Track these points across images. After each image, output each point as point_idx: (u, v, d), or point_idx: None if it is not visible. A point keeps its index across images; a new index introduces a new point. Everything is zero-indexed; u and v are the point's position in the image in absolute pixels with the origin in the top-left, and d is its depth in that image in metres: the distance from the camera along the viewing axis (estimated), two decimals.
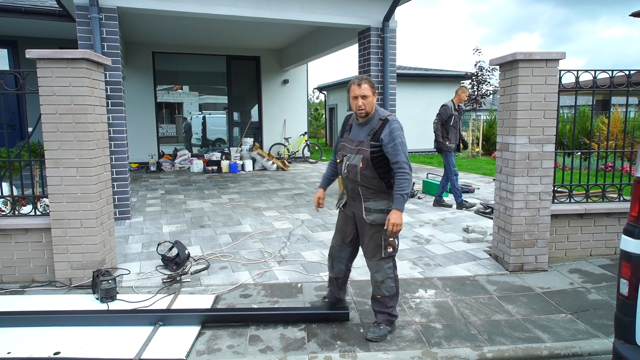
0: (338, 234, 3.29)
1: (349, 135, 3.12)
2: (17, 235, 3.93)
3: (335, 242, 3.32)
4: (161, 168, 11.67)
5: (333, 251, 3.33)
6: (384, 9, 7.15)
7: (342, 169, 3.07)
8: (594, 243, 4.54)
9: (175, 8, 6.25)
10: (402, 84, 15.29)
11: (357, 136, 3.04)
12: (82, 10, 5.65)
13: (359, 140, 3.01)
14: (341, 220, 3.27)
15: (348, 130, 3.15)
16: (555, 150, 4.19)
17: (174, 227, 5.80)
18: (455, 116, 6.67)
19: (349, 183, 3.05)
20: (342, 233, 3.24)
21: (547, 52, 4.00)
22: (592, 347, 2.96)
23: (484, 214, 6.38)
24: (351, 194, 3.09)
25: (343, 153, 3.08)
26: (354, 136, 3.07)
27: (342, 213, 3.27)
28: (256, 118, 13.61)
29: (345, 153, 3.06)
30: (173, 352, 2.84)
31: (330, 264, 3.36)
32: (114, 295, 3.56)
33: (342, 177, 3.13)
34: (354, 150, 2.99)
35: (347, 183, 3.07)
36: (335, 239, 3.31)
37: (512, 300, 3.63)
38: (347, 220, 3.21)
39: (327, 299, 3.48)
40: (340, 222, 3.28)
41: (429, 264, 4.44)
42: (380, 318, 3.10)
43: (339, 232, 3.27)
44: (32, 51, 3.58)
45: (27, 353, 2.84)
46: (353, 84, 2.97)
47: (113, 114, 5.82)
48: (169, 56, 12.56)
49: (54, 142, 3.70)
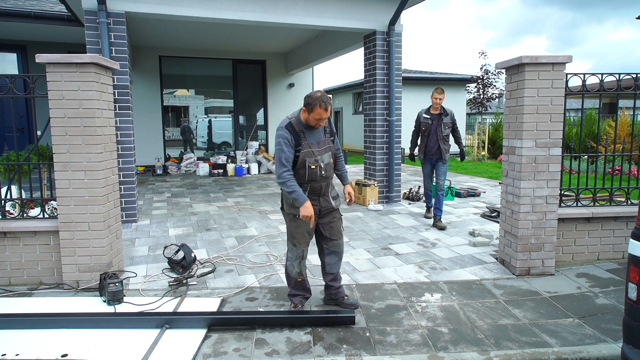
0: (304, 237, 3.33)
1: (306, 141, 3.22)
2: (25, 238, 3.96)
3: (304, 245, 3.36)
4: (167, 171, 11.73)
5: (304, 254, 3.40)
6: (390, 13, 7.16)
7: (319, 172, 3.25)
8: (602, 247, 4.51)
9: (182, 13, 6.29)
10: (408, 87, 15.27)
11: (315, 139, 3.27)
12: (91, 15, 5.71)
13: (318, 141, 3.28)
14: (299, 224, 3.29)
15: (303, 137, 3.21)
16: (562, 154, 4.18)
17: (180, 230, 5.83)
18: (427, 123, 6.01)
19: (323, 181, 3.30)
20: (308, 234, 3.35)
21: (554, 56, 3.99)
22: (600, 352, 2.94)
23: (490, 218, 6.36)
24: (323, 190, 3.34)
25: (314, 158, 3.22)
26: (312, 140, 3.25)
27: (297, 218, 3.27)
28: (262, 121, 13.65)
29: (315, 158, 3.22)
30: (179, 355, 2.85)
31: (300, 269, 3.40)
32: (120, 298, 3.57)
33: (316, 179, 3.26)
34: (322, 151, 3.27)
35: (322, 182, 3.30)
36: (303, 243, 3.35)
37: (519, 305, 3.61)
38: (305, 222, 3.28)
39: (300, 306, 3.50)
40: (300, 226, 3.30)
41: (435, 267, 4.42)
42: (345, 292, 3.56)
43: (305, 234, 3.33)
44: (41, 56, 3.62)
45: (35, 355, 2.86)
46: (319, 107, 3.08)
47: (120, 118, 5.86)
48: (175, 60, 12.63)
49: (62, 146, 3.74)
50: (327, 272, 3.52)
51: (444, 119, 5.95)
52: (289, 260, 3.45)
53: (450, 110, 6.06)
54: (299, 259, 3.38)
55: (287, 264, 3.47)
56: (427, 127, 6.01)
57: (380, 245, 5.14)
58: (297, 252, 3.36)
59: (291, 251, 3.41)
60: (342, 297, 3.53)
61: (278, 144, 3.18)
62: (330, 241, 3.43)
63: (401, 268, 4.41)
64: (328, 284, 3.54)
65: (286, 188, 3.15)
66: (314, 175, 3.24)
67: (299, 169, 3.21)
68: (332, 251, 3.46)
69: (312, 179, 3.25)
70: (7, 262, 3.97)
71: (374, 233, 5.67)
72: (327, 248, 3.46)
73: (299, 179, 3.22)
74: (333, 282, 3.52)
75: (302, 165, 3.21)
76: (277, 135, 3.22)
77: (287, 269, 3.48)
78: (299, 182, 3.21)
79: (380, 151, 7.45)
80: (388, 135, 7.39)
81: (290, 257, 3.42)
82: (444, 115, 5.97)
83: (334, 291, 3.53)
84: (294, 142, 3.18)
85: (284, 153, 3.15)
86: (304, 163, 3.20)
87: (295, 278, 3.44)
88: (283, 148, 3.15)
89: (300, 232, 3.32)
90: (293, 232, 3.35)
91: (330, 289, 3.54)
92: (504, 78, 4.58)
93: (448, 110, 6.02)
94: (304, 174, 3.23)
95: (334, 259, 3.48)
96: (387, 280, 4.12)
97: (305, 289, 3.52)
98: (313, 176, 3.24)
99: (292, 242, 3.38)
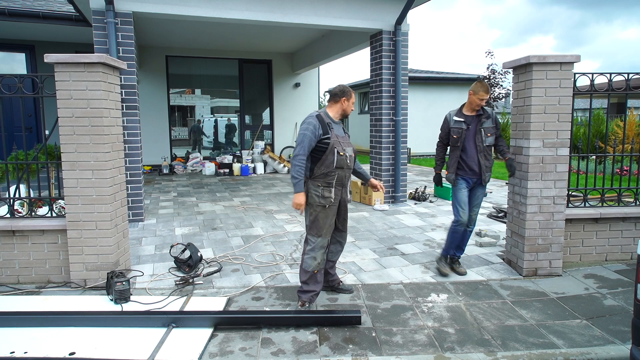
0: (329, 228, 3.51)
1: (334, 132, 3.45)
2: (33, 237, 4.00)
3: (329, 235, 3.53)
4: (174, 171, 11.77)
5: (328, 244, 3.57)
6: (397, 13, 7.15)
7: (346, 160, 3.46)
8: (610, 248, 4.47)
9: (189, 12, 6.31)
10: (414, 87, 15.25)
11: (340, 132, 3.54)
12: (99, 15, 5.74)
13: (342, 135, 3.54)
14: (328, 214, 3.48)
15: (331, 128, 3.46)
16: (570, 154, 4.15)
17: (186, 230, 5.85)
18: (459, 129, 4.16)
19: (348, 170, 3.53)
20: (331, 225, 3.54)
21: (562, 55, 3.96)
22: (608, 354, 2.91)
23: (497, 218, 6.33)
24: (346, 180, 3.56)
25: (342, 147, 3.45)
26: (338, 133, 3.51)
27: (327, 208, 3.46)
28: (268, 121, 13.67)
29: (343, 147, 3.46)
30: (186, 354, 2.86)
31: (321, 259, 3.52)
32: (127, 297, 3.60)
33: (343, 167, 3.46)
34: (346, 144, 3.52)
35: (347, 173, 3.53)
36: (329, 233, 3.52)
37: (526, 305, 3.59)
38: (333, 211, 3.50)
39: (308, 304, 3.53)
40: (328, 216, 3.48)
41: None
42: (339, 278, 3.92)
43: (329, 225, 3.51)
44: (50, 56, 3.65)
45: (43, 353, 2.88)
46: (353, 94, 3.59)
47: (127, 117, 5.89)
48: (182, 60, 12.68)
49: (70, 145, 3.76)
50: (329, 260, 3.74)
51: (484, 122, 4.15)
52: (308, 254, 3.50)
53: (491, 111, 4.25)
54: (323, 248, 3.50)
55: (306, 257, 3.50)
56: (460, 134, 4.15)
57: (386, 245, 5.13)
58: (322, 242, 3.49)
59: (314, 243, 3.48)
60: (337, 283, 3.87)
61: (305, 129, 3.38)
62: (340, 232, 3.72)
63: (407, 268, 4.40)
64: (327, 270, 3.77)
65: (294, 170, 3.36)
66: (341, 161, 3.43)
67: (328, 155, 3.39)
68: (338, 240, 3.76)
69: (340, 166, 3.44)
70: (15, 260, 4.00)
71: (380, 233, 5.66)
72: (335, 237, 3.72)
73: (328, 166, 3.40)
74: (331, 270, 3.81)
75: (332, 152, 3.40)
76: (305, 122, 3.43)
77: (305, 263, 3.51)
78: (328, 170, 3.40)
79: (387, 151, 7.43)
80: (394, 135, 7.37)
81: (312, 249, 3.49)
82: (485, 118, 4.15)
83: (331, 278, 3.84)
84: (321, 132, 3.39)
85: (307, 139, 3.35)
86: (332, 150, 3.40)
87: (312, 270, 3.49)
88: (308, 134, 3.36)
89: (328, 222, 3.49)
90: (321, 223, 3.46)
91: (328, 275, 3.81)
92: (512, 78, 4.54)
93: (489, 111, 4.21)
94: (333, 160, 3.40)
95: (338, 248, 3.78)
96: (393, 280, 4.11)
97: (317, 282, 3.57)
98: (341, 163, 3.43)
99: (317, 234, 3.47)
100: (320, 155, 3.40)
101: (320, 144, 3.38)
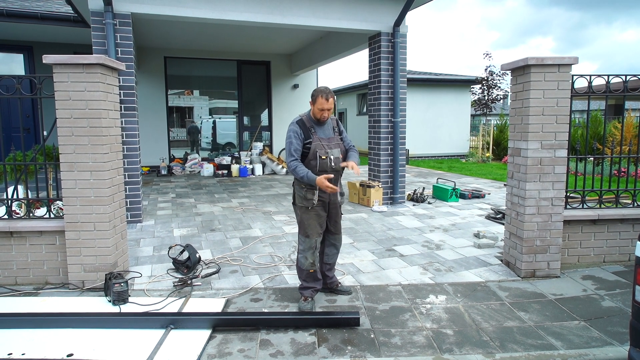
0: (316, 228, 3.52)
1: (317, 135, 3.48)
2: (31, 238, 3.98)
3: (316, 236, 3.53)
4: (172, 172, 11.76)
5: (317, 244, 3.56)
6: (395, 14, 7.16)
7: (329, 164, 3.47)
8: (608, 249, 4.48)
9: (188, 14, 6.31)
10: (413, 89, 15.26)
11: (325, 135, 3.53)
12: (97, 16, 5.73)
13: (328, 137, 3.54)
14: (312, 215, 3.50)
15: (314, 132, 3.48)
16: (568, 156, 4.16)
17: (184, 231, 5.84)
18: None
19: (334, 174, 3.48)
20: (320, 225, 3.55)
21: (560, 57, 3.97)
22: (606, 355, 2.92)
23: (495, 220, 6.34)
24: (333, 183, 3.46)
25: (324, 150, 3.47)
26: (322, 135, 3.52)
27: (310, 209, 3.49)
28: (266, 122, 13.67)
29: (325, 150, 3.47)
30: (184, 355, 2.86)
31: (313, 260, 3.55)
32: (125, 298, 3.59)
33: (327, 170, 3.46)
34: (331, 146, 3.51)
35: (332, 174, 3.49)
36: (316, 234, 3.53)
37: (524, 307, 3.60)
38: (317, 212, 3.52)
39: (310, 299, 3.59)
40: (312, 218, 3.51)
41: (439, 269, 4.41)
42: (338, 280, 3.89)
43: (317, 226, 3.52)
44: (49, 57, 3.64)
45: (41, 354, 2.87)
46: (321, 97, 3.39)
47: (126, 118, 5.88)
48: (180, 61, 12.68)
49: (68, 146, 3.76)
50: (325, 262, 3.77)
51: None
52: (300, 253, 3.59)
53: None
54: (312, 249, 3.53)
55: (299, 256, 3.60)
56: None
57: (384, 247, 5.14)
58: (310, 242, 3.52)
59: (303, 243, 3.55)
60: (336, 285, 3.86)
61: (288, 137, 3.46)
62: (333, 235, 3.71)
63: (406, 269, 4.41)
64: (325, 273, 3.78)
65: (297, 174, 3.39)
66: (324, 165, 3.46)
67: (310, 160, 3.45)
68: (332, 243, 3.75)
69: (323, 169, 3.46)
70: (13, 261, 3.99)
71: (378, 234, 5.66)
72: (328, 240, 3.73)
73: (311, 170, 3.41)
74: (329, 272, 3.80)
75: (314, 156, 3.44)
76: (288, 129, 3.50)
77: (299, 262, 3.60)
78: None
79: (385, 152, 7.44)
80: (393, 137, 7.38)
81: (303, 249, 3.56)
82: None
83: (329, 280, 3.82)
84: (303, 136, 3.44)
85: (293, 145, 3.42)
86: (315, 154, 3.44)
87: (307, 270, 3.55)
88: (292, 140, 3.43)
89: (313, 223, 3.51)
90: (306, 224, 3.52)
91: (326, 278, 3.80)
92: (510, 79, 4.56)
93: None
94: (315, 165, 3.45)
95: (332, 251, 3.77)
96: (392, 281, 4.11)
97: (316, 280, 3.64)
98: (324, 166, 3.46)
99: (304, 234, 3.54)
100: (303, 160, 3.48)
101: (303, 149, 3.46)
